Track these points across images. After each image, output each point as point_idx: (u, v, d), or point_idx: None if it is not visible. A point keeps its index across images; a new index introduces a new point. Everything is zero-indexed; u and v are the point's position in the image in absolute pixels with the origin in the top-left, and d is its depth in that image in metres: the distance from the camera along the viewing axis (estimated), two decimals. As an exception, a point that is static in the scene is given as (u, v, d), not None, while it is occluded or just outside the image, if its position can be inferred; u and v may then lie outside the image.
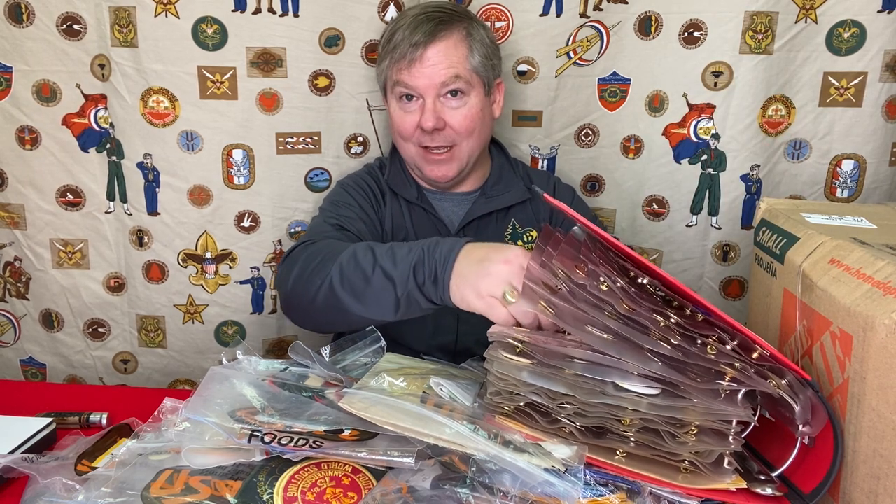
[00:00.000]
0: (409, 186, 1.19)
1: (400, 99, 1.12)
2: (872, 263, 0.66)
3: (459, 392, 0.78)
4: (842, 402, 0.67)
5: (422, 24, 1.09)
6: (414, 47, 1.08)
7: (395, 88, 1.12)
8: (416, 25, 1.09)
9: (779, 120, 1.20)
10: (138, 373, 1.36)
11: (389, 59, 1.12)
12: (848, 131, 1.20)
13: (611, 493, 0.66)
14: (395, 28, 1.12)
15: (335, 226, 1.09)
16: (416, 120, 1.11)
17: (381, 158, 1.26)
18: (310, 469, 0.69)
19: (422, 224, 1.17)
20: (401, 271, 0.85)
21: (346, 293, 0.89)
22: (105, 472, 0.69)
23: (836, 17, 1.15)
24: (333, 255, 0.93)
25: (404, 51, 1.09)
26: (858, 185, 1.22)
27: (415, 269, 0.84)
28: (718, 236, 1.27)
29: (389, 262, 0.87)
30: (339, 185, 1.22)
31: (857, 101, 1.18)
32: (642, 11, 1.21)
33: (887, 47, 1.15)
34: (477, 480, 0.65)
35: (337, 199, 1.17)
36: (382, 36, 1.16)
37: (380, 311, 0.88)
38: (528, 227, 1.19)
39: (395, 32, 1.11)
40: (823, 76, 1.18)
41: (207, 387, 0.76)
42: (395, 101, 1.13)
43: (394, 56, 1.10)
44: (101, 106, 1.22)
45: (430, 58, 1.08)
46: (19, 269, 1.31)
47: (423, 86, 1.09)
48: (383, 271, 0.86)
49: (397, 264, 0.86)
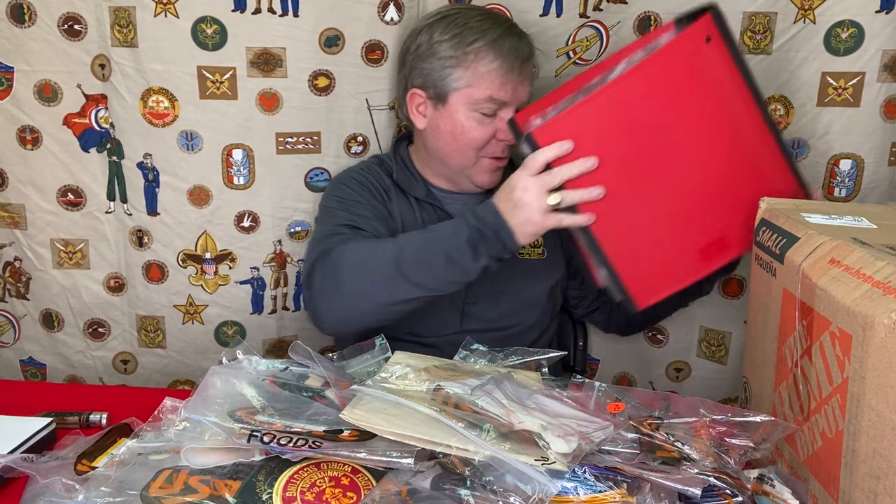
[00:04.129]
0: (417, 184, 1.18)
1: (475, 110, 1.08)
2: (872, 263, 0.66)
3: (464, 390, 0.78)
4: (841, 401, 0.67)
5: (508, 35, 1.07)
6: (511, 67, 1.06)
7: (482, 104, 1.07)
8: (503, 37, 1.06)
9: (777, 120, 1.20)
10: (138, 373, 1.36)
11: (474, 69, 1.06)
12: (846, 131, 1.20)
13: (610, 489, 0.66)
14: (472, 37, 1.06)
15: (349, 226, 1.08)
16: (490, 132, 1.09)
17: (380, 157, 1.25)
18: (309, 469, 0.69)
19: (432, 221, 1.15)
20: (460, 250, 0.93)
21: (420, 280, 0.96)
22: (105, 471, 0.69)
23: (834, 17, 1.15)
24: (383, 252, 0.98)
25: (508, 64, 1.06)
26: (856, 184, 1.22)
27: (475, 248, 0.93)
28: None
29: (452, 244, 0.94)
30: (341, 183, 1.18)
31: (856, 101, 1.18)
32: (641, 11, 1.21)
33: (885, 47, 1.15)
34: (477, 481, 0.65)
35: (343, 196, 1.15)
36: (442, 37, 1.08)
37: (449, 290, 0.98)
38: None
39: (475, 41, 1.06)
40: (822, 76, 1.18)
41: (207, 387, 0.76)
42: (470, 111, 1.08)
43: (489, 67, 1.06)
44: (101, 106, 1.23)
45: (524, 73, 1.09)
46: (19, 269, 1.31)
47: (512, 100, 1.08)
48: (448, 255, 0.94)
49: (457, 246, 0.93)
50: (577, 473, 0.67)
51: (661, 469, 0.67)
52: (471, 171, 1.14)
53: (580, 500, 0.65)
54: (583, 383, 0.84)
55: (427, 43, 1.10)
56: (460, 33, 1.08)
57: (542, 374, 0.89)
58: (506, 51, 1.06)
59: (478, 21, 1.09)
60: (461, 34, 1.08)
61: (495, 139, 1.10)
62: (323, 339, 1.38)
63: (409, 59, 1.13)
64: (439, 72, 1.09)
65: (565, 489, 0.65)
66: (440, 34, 1.09)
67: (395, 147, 1.22)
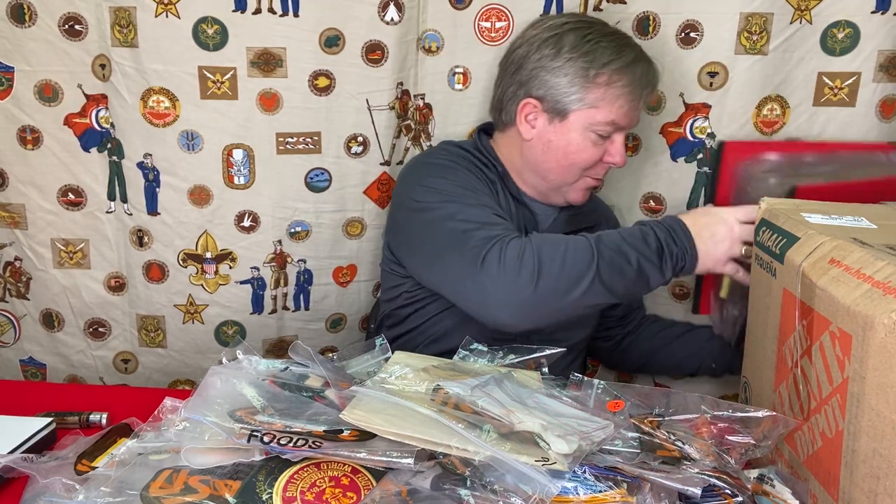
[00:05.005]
0: (510, 184, 1.15)
1: (592, 131, 1.06)
2: (872, 263, 0.66)
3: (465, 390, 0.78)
4: (841, 401, 0.67)
5: (643, 61, 1.07)
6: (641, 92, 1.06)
7: (601, 126, 1.05)
8: (634, 63, 1.05)
9: (774, 119, 1.22)
10: (138, 373, 1.36)
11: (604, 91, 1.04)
12: (842, 131, 1.21)
13: (610, 489, 0.66)
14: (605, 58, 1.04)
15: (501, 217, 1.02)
16: (600, 154, 1.08)
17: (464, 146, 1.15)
18: (309, 469, 0.69)
19: (528, 221, 1.14)
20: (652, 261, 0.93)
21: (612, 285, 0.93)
22: (105, 471, 0.69)
23: (830, 17, 1.16)
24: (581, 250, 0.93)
25: (637, 92, 1.05)
26: None
27: (662, 259, 0.93)
28: None
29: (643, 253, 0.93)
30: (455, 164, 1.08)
31: (851, 101, 1.20)
32: (640, 11, 1.21)
33: (881, 48, 1.17)
34: (477, 481, 0.65)
35: (463, 183, 1.06)
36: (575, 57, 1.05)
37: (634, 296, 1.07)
38: None
39: (609, 63, 1.03)
40: (818, 76, 1.19)
41: (207, 387, 0.76)
42: (587, 131, 1.06)
43: (609, 91, 1.04)
44: (101, 106, 1.23)
45: (648, 99, 1.10)
46: (20, 269, 1.31)
47: (630, 126, 1.09)
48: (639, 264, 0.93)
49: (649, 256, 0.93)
50: (577, 473, 0.67)
51: (661, 469, 0.67)
52: (568, 188, 1.12)
53: (580, 500, 0.65)
54: (582, 381, 0.84)
55: (555, 55, 1.06)
56: (593, 51, 1.04)
57: (542, 374, 0.89)
58: (637, 77, 1.05)
59: (611, 40, 1.06)
60: (594, 52, 1.04)
61: (602, 161, 1.09)
62: (323, 339, 1.38)
63: (529, 66, 1.08)
64: (565, 88, 1.05)
65: (565, 489, 0.65)
66: (570, 50, 1.05)
67: (479, 140, 1.16)
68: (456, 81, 1.28)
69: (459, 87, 1.28)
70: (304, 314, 1.35)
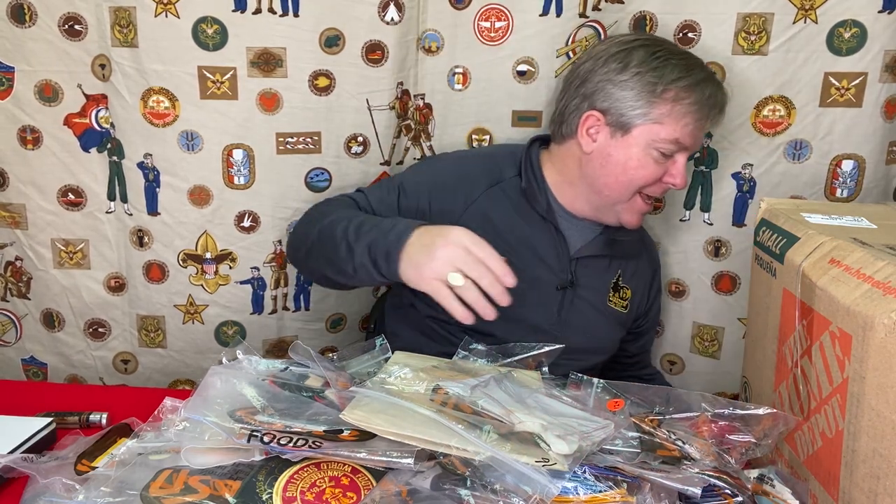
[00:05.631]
0: (542, 199, 1.11)
1: (655, 148, 1.03)
2: (872, 263, 0.66)
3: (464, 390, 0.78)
4: (841, 401, 0.67)
5: (712, 83, 1.06)
6: (711, 113, 1.05)
7: (664, 144, 1.03)
8: (707, 82, 1.04)
9: (777, 120, 1.21)
10: (138, 373, 1.36)
11: (666, 109, 1.02)
12: (848, 131, 1.20)
13: (610, 489, 0.66)
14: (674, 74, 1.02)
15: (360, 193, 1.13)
16: (660, 173, 1.05)
17: (514, 151, 1.16)
18: (309, 469, 0.69)
19: (541, 238, 1.11)
20: (360, 246, 0.94)
21: (320, 254, 1.01)
22: (105, 471, 0.69)
23: (836, 17, 1.15)
24: (322, 216, 1.04)
25: (704, 112, 1.04)
26: (858, 184, 1.22)
27: (370, 246, 0.93)
28: (710, 232, 1.29)
29: (354, 235, 0.96)
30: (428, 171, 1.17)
31: (858, 102, 1.18)
32: (637, 11, 1.22)
33: (888, 47, 1.15)
34: (477, 481, 0.65)
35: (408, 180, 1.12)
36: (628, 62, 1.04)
37: (342, 276, 0.99)
38: (626, 285, 1.17)
39: (677, 79, 1.02)
40: (824, 76, 1.18)
41: (207, 387, 0.76)
42: (650, 148, 1.03)
43: (676, 108, 1.02)
44: (101, 106, 1.23)
45: (713, 122, 1.08)
46: (20, 269, 1.31)
47: (694, 147, 1.07)
48: (347, 243, 0.96)
49: (360, 238, 0.95)
50: (577, 473, 0.67)
51: (661, 469, 0.67)
52: (622, 207, 1.09)
53: (580, 500, 0.65)
54: (581, 381, 0.84)
55: (622, 69, 1.04)
56: (662, 67, 1.03)
57: (542, 374, 0.89)
58: (706, 97, 1.03)
59: (680, 58, 1.05)
60: (663, 68, 1.03)
61: (660, 181, 1.06)
62: (323, 339, 1.38)
63: (595, 80, 1.06)
64: (631, 101, 1.03)
65: (565, 489, 0.65)
66: (638, 64, 1.03)
67: (528, 155, 1.14)
68: (456, 81, 1.28)
69: (459, 86, 1.28)
70: (304, 314, 1.35)
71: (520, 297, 0.97)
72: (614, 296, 1.16)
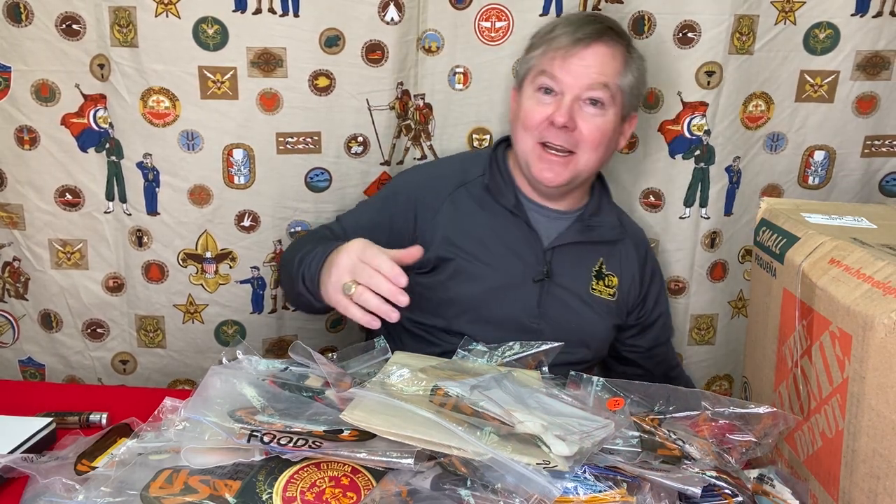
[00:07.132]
0: (508, 193, 1.13)
1: (539, 89, 1.08)
2: (872, 263, 0.66)
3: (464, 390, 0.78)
4: (841, 401, 0.67)
5: (589, 24, 1.09)
6: (575, 42, 1.06)
7: (538, 78, 1.08)
8: (583, 24, 1.08)
9: (759, 115, 1.29)
10: (138, 373, 1.36)
11: (544, 49, 1.08)
12: (820, 125, 1.29)
13: (610, 489, 0.66)
14: (558, 22, 1.12)
15: (331, 227, 1.17)
16: (546, 113, 1.06)
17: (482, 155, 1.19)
18: (309, 469, 0.69)
19: (512, 233, 1.12)
20: (299, 278, 1.00)
21: (286, 287, 1.10)
22: (105, 471, 0.69)
23: (812, 19, 1.23)
24: (291, 250, 1.11)
25: (564, 42, 1.06)
26: (828, 173, 1.32)
27: (303, 277, 0.99)
28: (707, 226, 1.33)
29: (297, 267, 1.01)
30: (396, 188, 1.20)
31: (830, 98, 1.27)
32: (635, 11, 1.23)
33: (859, 48, 1.24)
34: (477, 481, 0.65)
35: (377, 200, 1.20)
36: (540, 29, 1.14)
37: (309, 306, 1.04)
38: (611, 272, 1.16)
39: (557, 26, 1.10)
40: (800, 74, 1.26)
41: (207, 387, 0.76)
42: (533, 90, 1.09)
43: (550, 45, 1.08)
44: (100, 106, 1.22)
45: (586, 57, 1.06)
46: (18, 270, 1.31)
47: (569, 82, 1.06)
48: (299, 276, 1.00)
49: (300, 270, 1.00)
50: (577, 473, 0.67)
51: (661, 468, 0.67)
52: (530, 161, 1.09)
53: (580, 500, 0.65)
54: (581, 379, 0.84)
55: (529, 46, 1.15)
56: (552, 21, 1.14)
57: (542, 373, 0.88)
58: (576, 26, 1.07)
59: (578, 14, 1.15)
60: (551, 21, 1.14)
61: (552, 124, 1.05)
62: (323, 339, 1.38)
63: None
64: (527, 55, 1.13)
65: (565, 489, 0.65)
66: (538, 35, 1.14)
67: (494, 151, 1.17)
68: (456, 81, 1.28)
69: (460, 86, 1.28)
70: (303, 314, 1.34)
71: (495, 293, 0.97)
72: (598, 283, 1.15)
